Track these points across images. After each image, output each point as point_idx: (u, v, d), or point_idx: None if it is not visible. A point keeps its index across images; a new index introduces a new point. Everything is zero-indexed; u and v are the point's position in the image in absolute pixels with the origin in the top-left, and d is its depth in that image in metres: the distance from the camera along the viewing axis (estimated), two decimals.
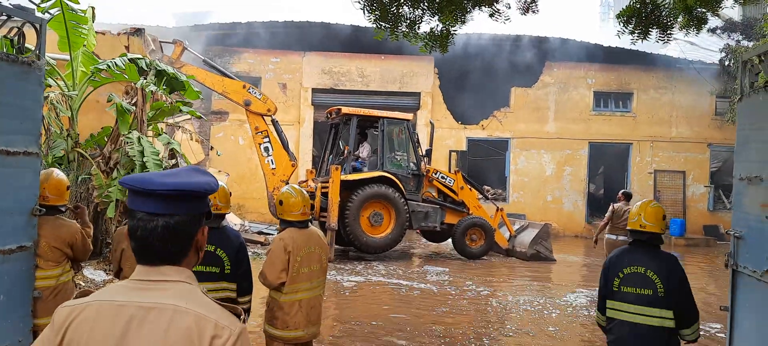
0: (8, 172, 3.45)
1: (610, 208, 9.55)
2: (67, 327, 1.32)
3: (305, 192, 4.20)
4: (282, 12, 60.06)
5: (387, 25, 5.88)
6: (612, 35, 5.88)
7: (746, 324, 3.66)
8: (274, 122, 12.73)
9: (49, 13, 8.53)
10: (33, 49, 3.64)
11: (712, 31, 18.53)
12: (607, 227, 9.54)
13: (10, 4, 3.24)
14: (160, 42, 11.85)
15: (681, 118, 20.26)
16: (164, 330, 1.29)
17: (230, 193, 4.18)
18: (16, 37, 3.46)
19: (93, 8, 9.59)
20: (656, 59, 20.04)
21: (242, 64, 19.22)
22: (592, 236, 10.61)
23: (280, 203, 4.09)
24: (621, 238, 9.02)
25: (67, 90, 8.93)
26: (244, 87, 12.50)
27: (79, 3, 8.44)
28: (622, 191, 10.17)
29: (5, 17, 3.36)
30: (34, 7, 8.67)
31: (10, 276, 3.52)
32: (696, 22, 6.02)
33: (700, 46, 19.71)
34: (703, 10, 5.97)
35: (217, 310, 1.37)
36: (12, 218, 3.51)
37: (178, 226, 1.40)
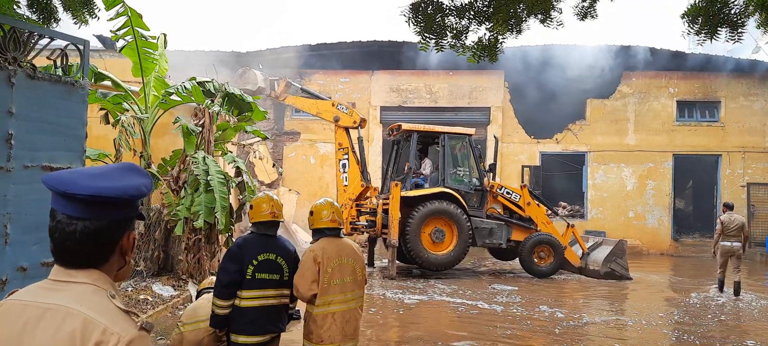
0: None
1: (718, 221, 10.67)
2: None
3: (335, 203, 4.18)
4: (352, 32, 61.77)
5: (432, 37, 5.79)
6: (695, 43, 5.49)
7: None
8: (360, 141, 13.23)
9: (123, 40, 9.12)
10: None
11: None
12: (721, 237, 10.58)
13: (93, 34, 3.47)
14: (270, 79, 13.54)
15: None
16: (53, 333, 1.24)
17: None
18: (60, 59, 3.66)
19: (164, 35, 10.15)
20: (745, 65, 18.67)
21: (313, 85, 19.66)
22: (679, 254, 11.12)
23: (311, 213, 4.10)
24: (735, 245, 10.41)
25: (139, 113, 9.44)
26: (333, 105, 13.28)
27: (149, 30, 8.96)
28: (724, 203, 11.28)
29: (49, 39, 3.56)
30: (111, 35, 9.38)
31: None
32: None
33: None
34: None
35: (113, 315, 1.28)
36: None
37: (98, 232, 1.33)
